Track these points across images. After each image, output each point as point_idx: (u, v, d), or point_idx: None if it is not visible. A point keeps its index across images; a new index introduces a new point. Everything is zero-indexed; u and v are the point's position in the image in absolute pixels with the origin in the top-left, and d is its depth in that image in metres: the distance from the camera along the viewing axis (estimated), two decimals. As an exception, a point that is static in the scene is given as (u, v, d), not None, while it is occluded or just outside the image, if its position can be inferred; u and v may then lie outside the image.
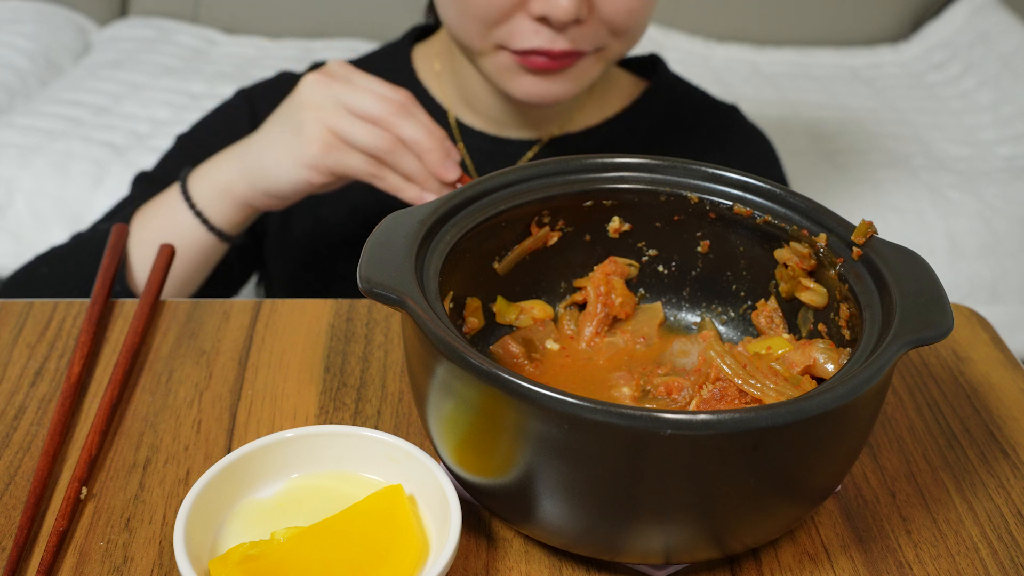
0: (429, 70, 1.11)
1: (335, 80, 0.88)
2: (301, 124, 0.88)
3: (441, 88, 1.10)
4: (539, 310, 0.71)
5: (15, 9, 2.24)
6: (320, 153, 0.87)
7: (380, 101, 0.86)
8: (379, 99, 0.86)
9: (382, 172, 0.88)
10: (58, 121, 1.86)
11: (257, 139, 0.93)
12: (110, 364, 0.75)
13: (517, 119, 1.06)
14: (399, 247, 0.60)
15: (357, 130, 0.86)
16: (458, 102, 1.09)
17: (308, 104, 0.88)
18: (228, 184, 0.93)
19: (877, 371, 0.53)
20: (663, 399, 0.65)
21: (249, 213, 0.96)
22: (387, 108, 0.86)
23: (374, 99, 0.86)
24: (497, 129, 1.08)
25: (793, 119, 2.06)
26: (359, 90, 0.87)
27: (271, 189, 0.91)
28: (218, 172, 0.94)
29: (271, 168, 0.90)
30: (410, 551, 0.56)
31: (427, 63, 1.12)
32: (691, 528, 0.54)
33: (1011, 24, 2.32)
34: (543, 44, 0.91)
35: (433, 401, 0.58)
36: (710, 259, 0.71)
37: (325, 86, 0.88)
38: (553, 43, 0.91)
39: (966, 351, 0.79)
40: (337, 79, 0.88)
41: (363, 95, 0.87)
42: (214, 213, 0.95)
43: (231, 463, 0.59)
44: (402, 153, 0.87)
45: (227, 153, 0.95)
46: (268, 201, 0.93)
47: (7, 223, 1.70)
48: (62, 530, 0.60)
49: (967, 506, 0.65)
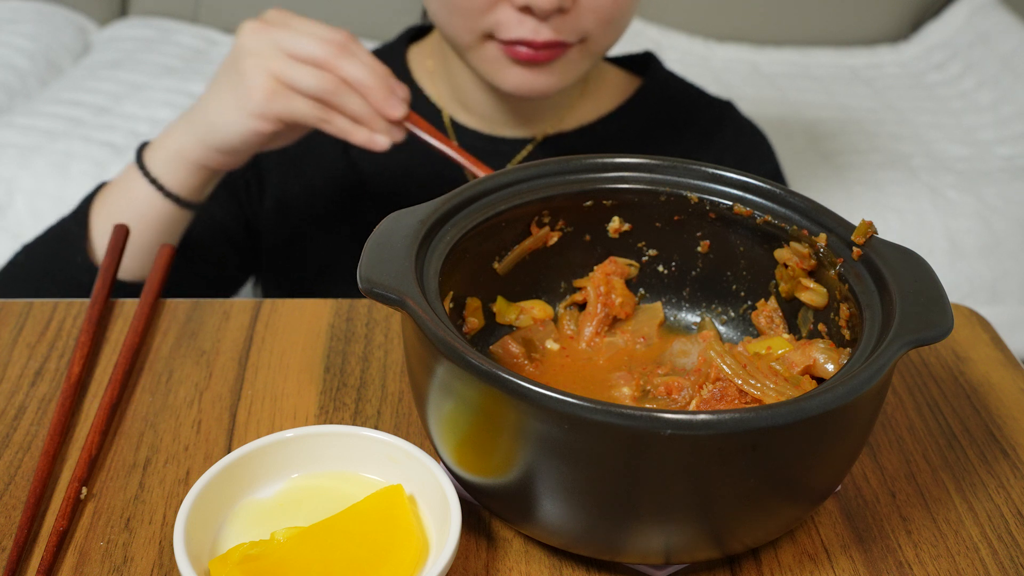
0: (423, 69, 1.12)
1: (273, 26, 0.88)
2: (243, 73, 0.87)
3: (435, 87, 1.10)
4: (539, 310, 0.71)
5: (15, 9, 2.24)
6: (264, 100, 0.87)
7: (320, 43, 0.86)
8: (319, 41, 0.86)
9: (329, 115, 0.88)
10: (58, 121, 1.86)
11: (203, 97, 0.93)
12: (110, 364, 0.75)
13: (511, 117, 1.06)
14: (399, 247, 0.60)
15: (299, 74, 0.86)
16: (452, 101, 1.09)
17: (248, 52, 0.87)
18: (179, 147, 0.93)
19: (877, 371, 0.53)
20: (663, 399, 0.65)
21: (205, 175, 0.95)
22: (328, 50, 0.86)
23: (314, 41, 0.86)
24: (491, 128, 1.08)
25: (793, 119, 2.06)
26: (298, 34, 0.87)
27: (221, 144, 0.91)
28: (169, 139, 0.94)
29: (218, 121, 0.90)
30: (410, 551, 0.56)
31: (422, 62, 1.12)
32: (691, 528, 0.54)
33: (1011, 24, 2.32)
34: (527, 35, 0.91)
35: (433, 401, 0.58)
36: (710, 259, 0.71)
37: (263, 32, 0.87)
38: (537, 33, 0.91)
39: (966, 351, 0.79)
40: (275, 25, 0.88)
41: (303, 38, 0.86)
42: (169, 179, 0.94)
43: (231, 463, 0.59)
44: (346, 93, 0.86)
45: (177, 120, 0.95)
46: (220, 158, 0.93)
47: (7, 223, 1.70)
48: (62, 530, 0.60)
49: (967, 506, 0.65)
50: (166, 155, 0.94)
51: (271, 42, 0.86)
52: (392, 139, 0.89)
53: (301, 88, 0.86)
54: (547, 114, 1.08)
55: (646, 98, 1.13)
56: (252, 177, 1.09)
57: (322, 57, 0.86)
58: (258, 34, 0.87)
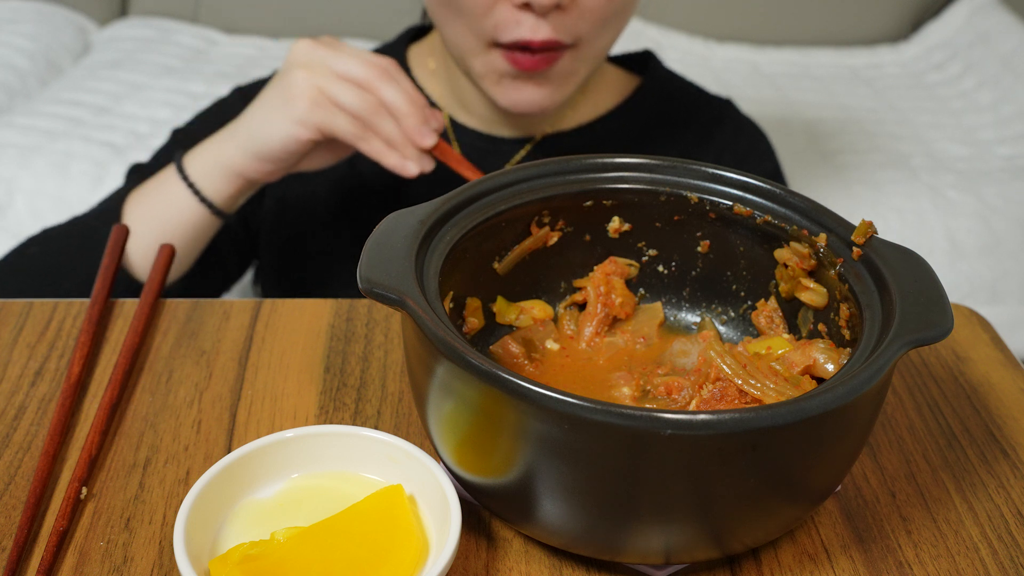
0: (424, 69, 1.12)
1: (324, 45, 0.92)
2: (290, 83, 0.91)
3: (435, 87, 1.11)
4: (539, 310, 0.71)
5: (15, 9, 2.24)
6: (308, 108, 0.90)
7: (365, 65, 0.90)
8: (365, 63, 0.91)
9: (366, 135, 0.91)
10: (58, 121, 1.86)
11: (249, 107, 0.96)
12: (110, 364, 0.75)
13: (509, 118, 1.07)
14: (399, 247, 0.60)
15: (343, 91, 0.90)
16: (452, 101, 1.10)
17: (298, 64, 0.92)
18: (220, 154, 0.96)
19: (877, 371, 0.53)
20: (663, 399, 0.65)
21: (242, 185, 0.97)
22: (371, 72, 0.90)
23: (360, 63, 0.91)
24: (490, 128, 1.09)
25: (793, 119, 2.06)
26: (346, 55, 0.91)
27: (261, 149, 0.93)
28: (211, 145, 0.97)
29: (261, 126, 0.93)
30: (410, 551, 0.56)
31: (422, 62, 1.13)
32: (691, 528, 0.54)
33: (1011, 24, 2.32)
34: (526, 34, 0.93)
35: (433, 401, 0.58)
36: (710, 259, 0.71)
37: (314, 49, 0.92)
38: (535, 31, 0.93)
39: (966, 351, 0.79)
40: (326, 44, 0.93)
41: (350, 59, 0.91)
42: (207, 185, 0.96)
43: (231, 463, 0.59)
44: (383, 117, 0.90)
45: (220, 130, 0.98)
46: (259, 166, 0.95)
47: (7, 223, 1.70)
48: (62, 530, 0.60)
49: (967, 506, 0.65)
50: (206, 162, 0.96)
51: (320, 58, 0.91)
52: (421, 168, 0.92)
53: (343, 103, 0.90)
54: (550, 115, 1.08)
55: (645, 96, 1.13)
56: None
57: (365, 79, 0.90)
58: (310, 50, 0.92)
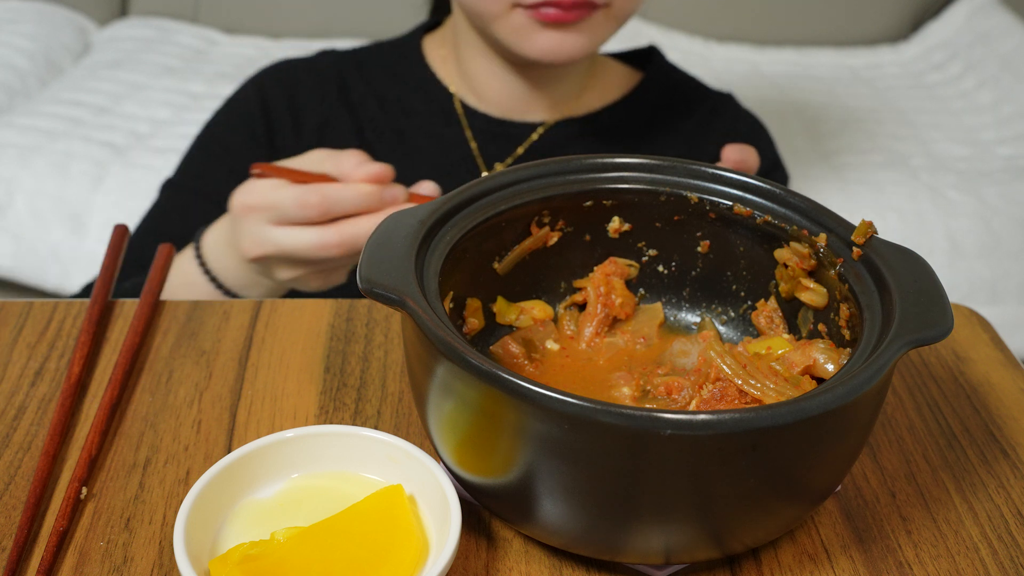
0: (437, 57, 1.15)
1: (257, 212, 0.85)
2: (244, 255, 0.87)
3: (447, 72, 1.14)
4: (539, 310, 0.71)
5: (15, 9, 2.24)
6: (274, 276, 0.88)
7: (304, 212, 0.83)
8: (300, 212, 0.83)
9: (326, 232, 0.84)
10: (58, 121, 1.86)
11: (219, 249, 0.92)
12: (110, 364, 0.75)
13: (519, 104, 1.10)
14: (399, 247, 0.60)
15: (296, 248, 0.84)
16: (463, 86, 1.13)
17: (241, 234, 0.87)
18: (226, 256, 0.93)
19: (877, 371, 0.53)
20: (663, 399, 0.65)
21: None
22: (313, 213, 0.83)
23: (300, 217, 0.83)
24: (502, 112, 1.12)
25: (793, 119, 2.06)
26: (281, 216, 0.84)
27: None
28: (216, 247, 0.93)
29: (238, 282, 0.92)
30: (410, 551, 0.56)
31: (435, 50, 1.16)
32: (691, 528, 0.54)
33: (1011, 24, 2.32)
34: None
35: (433, 401, 0.58)
36: (710, 259, 0.71)
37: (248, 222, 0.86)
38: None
39: (966, 351, 0.79)
40: (258, 210, 0.85)
41: (288, 231, 0.84)
42: (227, 277, 0.94)
43: (231, 463, 0.59)
44: (337, 208, 0.83)
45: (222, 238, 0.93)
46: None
47: (7, 223, 1.70)
48: (62, 530, 0.60)
49: (967, 506, 0.65)
50: (219, 254, 0.93)
51: (260, 232, 0.85)
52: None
53: (300, 257, 0.85)
54: (554, 101, 1.10)
55: (649, 88, 1.16)
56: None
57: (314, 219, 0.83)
58: (247, 223, 0.86)
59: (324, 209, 0.82)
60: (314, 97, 1.14)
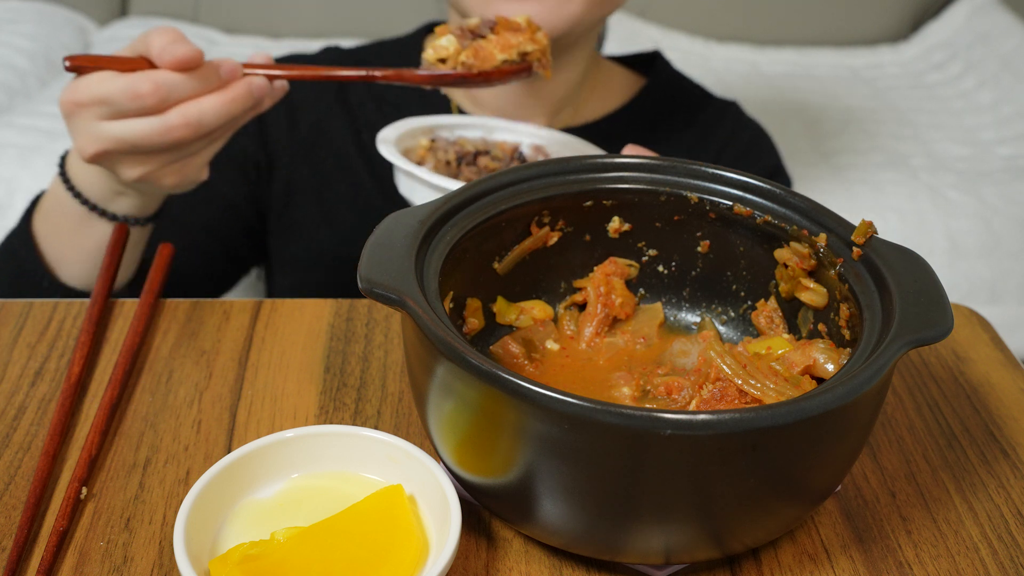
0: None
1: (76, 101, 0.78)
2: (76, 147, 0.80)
3: None
4: (539, 310, 0.71)
5: (15, 9, 2.24)
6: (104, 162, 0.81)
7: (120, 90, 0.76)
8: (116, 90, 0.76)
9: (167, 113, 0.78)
10: (58, 121, 1.86)
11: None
12: (110, 364, 0.75)
13: (517, 110, 1.08)
14: (399, 247, 0.60)
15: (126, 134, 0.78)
16: (464, 93, 1.11)
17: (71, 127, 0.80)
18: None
19: (877, 371, 0.53)
20: (663, 399, 0.65)
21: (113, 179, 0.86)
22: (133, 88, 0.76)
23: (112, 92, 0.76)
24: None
25: (793, 119, 2.06)
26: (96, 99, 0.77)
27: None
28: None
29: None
30: (410, 551, 0.56)
31: None
32: (691, 528, 0.54)
33: (1011, 24, 2.32)
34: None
35: (433, 401, 0.58)
36: (710, 259, 0.71)
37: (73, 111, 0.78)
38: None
39: (966, 351, 0.79)
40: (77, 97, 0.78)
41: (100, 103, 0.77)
42: (82, 180, 0.87)
43: (231, 463, 0.59)
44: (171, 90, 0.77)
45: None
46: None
47: (7, 223, 1.70)
48: (62, 530, 0.60)
49: (967, 506, 0.65)
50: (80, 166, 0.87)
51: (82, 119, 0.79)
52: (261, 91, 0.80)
53: (131, 142, 0.78)
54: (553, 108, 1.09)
55: (650, 96, 1.15)
56: (262, 158, 1.09)
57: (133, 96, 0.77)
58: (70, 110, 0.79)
59: (160, 97, 0.76)
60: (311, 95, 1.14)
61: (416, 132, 0.96)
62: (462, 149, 0.95)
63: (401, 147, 0.94)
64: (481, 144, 0.97)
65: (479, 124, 0.98)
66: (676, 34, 2.39)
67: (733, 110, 1.19)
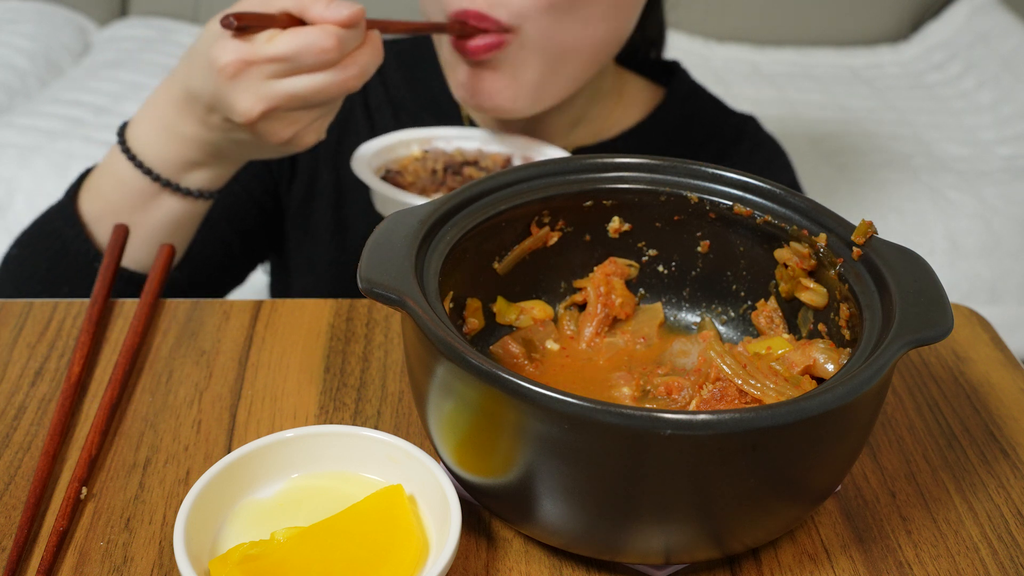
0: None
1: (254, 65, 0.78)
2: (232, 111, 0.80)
3: None
4: (539, 310, 0.71)
5: (15, 9, 2.24)
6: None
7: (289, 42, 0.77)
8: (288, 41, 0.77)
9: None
10: (58, 121, 1.86)
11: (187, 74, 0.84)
12: (110, 364, 0.75)
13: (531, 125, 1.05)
14: (399, 247, 0.60)
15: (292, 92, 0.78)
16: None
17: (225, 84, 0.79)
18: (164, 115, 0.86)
19: (877, 371, 0.53)
20: (663, 399, 0.65)
21: (191, 147, 0.85)
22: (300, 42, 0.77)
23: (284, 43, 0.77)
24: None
25: (793, 119, 2.06)
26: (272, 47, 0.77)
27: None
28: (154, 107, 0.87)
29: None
30: (410, 551, 0.56)
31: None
32: (691, 528, 0.54)
33: (1011, 24, 2.32)
34: (464, 3, 0.87)
35: (433, 401, 0.58)
36: (710, 259, 0.71)
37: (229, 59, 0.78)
38: (472, 1, 0.87)
39: (966, 351, 0.79)
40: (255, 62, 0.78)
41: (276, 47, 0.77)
42: (151, 153, 0.86)
43: (231, 463, 0.59)
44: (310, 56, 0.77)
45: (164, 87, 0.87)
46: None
47: (7, 223, 1.70)
48: (62, 530, 0.60)
49: (967, 506, 0.65)
50: (150, 125, 0.86)
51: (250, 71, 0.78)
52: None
53: (297, 97, 0.79)
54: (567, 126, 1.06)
55: (666, 115, 1.12)
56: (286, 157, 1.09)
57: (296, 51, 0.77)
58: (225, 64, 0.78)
59: (341, 51, 0.77)
60: None
61: (410, 142, 0.97)
62: (451, 159, 0.95)
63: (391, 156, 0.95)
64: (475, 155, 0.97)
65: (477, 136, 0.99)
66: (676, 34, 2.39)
67: (751, 127, 1.16)
